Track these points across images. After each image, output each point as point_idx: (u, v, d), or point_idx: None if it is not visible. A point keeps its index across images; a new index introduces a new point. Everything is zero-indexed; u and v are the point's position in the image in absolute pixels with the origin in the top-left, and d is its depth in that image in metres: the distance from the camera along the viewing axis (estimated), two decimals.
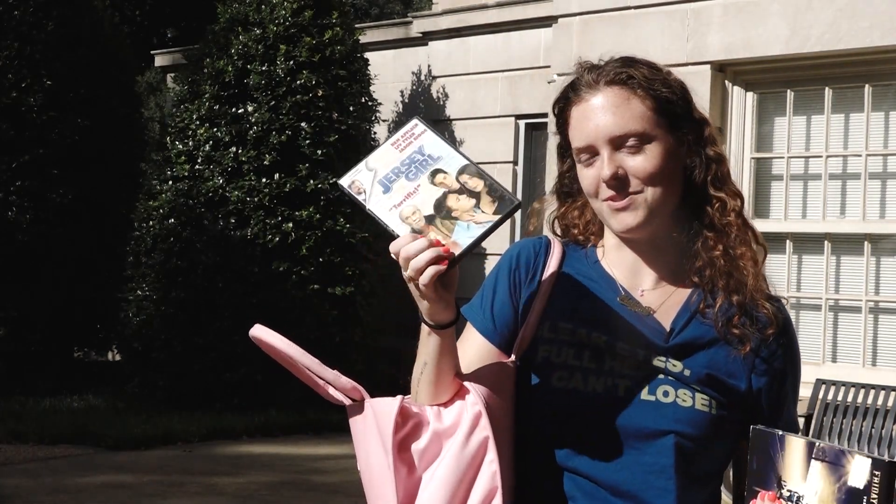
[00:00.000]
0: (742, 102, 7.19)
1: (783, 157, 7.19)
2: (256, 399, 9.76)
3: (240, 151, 10.04)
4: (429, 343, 1.71)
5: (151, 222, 10.25)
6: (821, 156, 7.08)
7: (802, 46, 6.87)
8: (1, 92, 11.22)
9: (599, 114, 1.77)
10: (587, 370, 1.76)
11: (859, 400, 6.80)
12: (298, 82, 10.11)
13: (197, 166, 10.15)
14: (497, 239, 10.89)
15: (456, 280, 1.65)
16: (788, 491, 1.58)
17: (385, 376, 8.55)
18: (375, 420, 1.72)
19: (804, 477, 1.56)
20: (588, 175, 1.79)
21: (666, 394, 1.74)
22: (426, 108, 11.71)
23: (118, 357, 12.09)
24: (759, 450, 1.62)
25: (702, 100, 1.89)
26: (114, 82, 12.12)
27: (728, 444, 1.78)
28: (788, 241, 7.11)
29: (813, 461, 1.56)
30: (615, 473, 1.73)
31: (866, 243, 6.91)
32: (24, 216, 11.18)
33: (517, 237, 10.89)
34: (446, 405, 1.73)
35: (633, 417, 1.73)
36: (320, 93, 10.15)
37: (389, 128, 12.15)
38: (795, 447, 1.59)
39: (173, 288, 9.95)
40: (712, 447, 1.75)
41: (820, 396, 6.91)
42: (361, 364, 9.74)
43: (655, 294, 1.82)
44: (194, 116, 10.29)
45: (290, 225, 9.87)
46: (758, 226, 2.29)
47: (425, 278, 1.59)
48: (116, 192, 11.77)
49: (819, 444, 1.58)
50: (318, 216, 9.96)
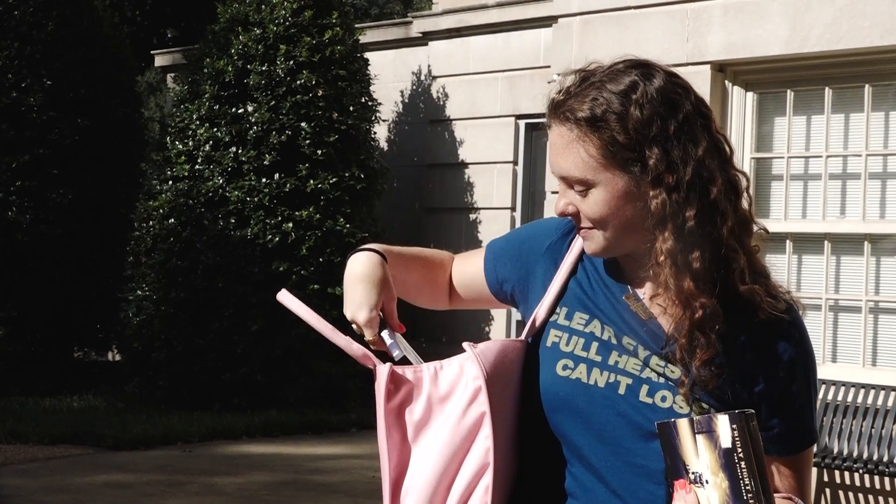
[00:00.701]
0: (742, 102, 7.18)
1: (783, 157, 7.18)
2: (256, 399, 9.76)
3: (240, 151, 10.04)
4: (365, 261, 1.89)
5: (151, 222, 10.25)
6: (821, 156, 7.08)
7: (802, 46, 6.87)
8: (1, 92, 11.22)
9: (552, 150, 1.77)
10: (592, 362, 1.76)
11: (859, 400, 6.79)
12: (298, 82, 10.11)
13: (197, 166, 10.15)
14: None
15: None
16: (693, 473, 1.59)
17: None
18: (376, 386, 1.74)
19: (697, 454, 1.58)
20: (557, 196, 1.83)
21: (664, 399, 1.72)
22: (426, 108, 11.71)
23: (118, 357, 12.09)
24: (667, 443, 1.62)
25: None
26: (114, 82, 12.12)
27: None
28: (788, 241, 7.11)
29: (697, 436, 1.58)
30: (608, 470, 1.73)
31: (866, 243, 6.91)
32: (24, 216, 11.18)
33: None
34: (443, 367, 1.73)
35: (630, 417, 1.72)
36: (320, 93, 10.15)
37: (389, 128, 12.15)
38: (683, 429, 1.59)
39: (173, 288, 9.96)
40: None
41: (820, 396, 6.91)
42: (361, 364, 9.74)
43: (660, 298, 1.79)
44: (194, 116, 10.29)
45: (290, 225, 9.87)
46: None
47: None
48: (116, 192, 11.77)
49: (695, 419, 1.59)
50: (318, 216, 9.96)
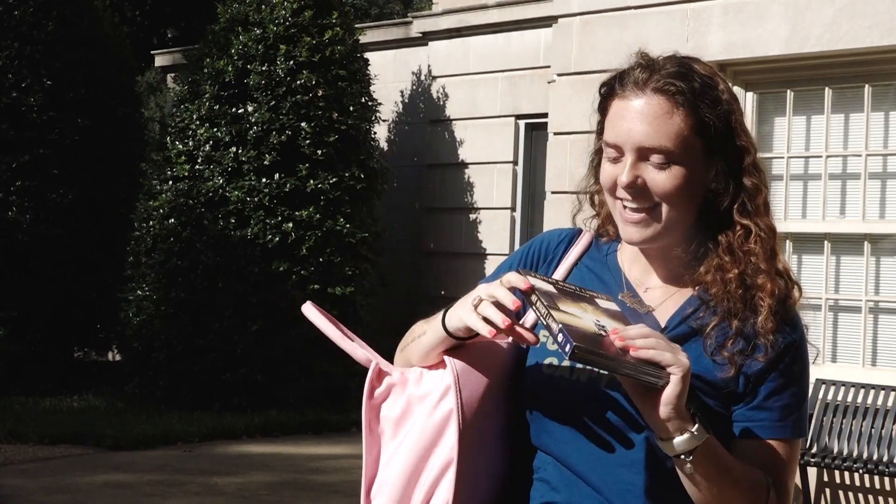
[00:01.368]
0: (742, 102, 7.17)
1: (783, 157, 7.18)
2: (256, 399, 9.76)
3: (240, 151, 10.04)
4: (437, 332, 1.75)
5: (151, 222, 10.25)
6: (821, 156, 7.08)
7: (802, 46, 6.87)
8: (1, 92, 11.22)
9: (636, 119, 1.74)
10: None
11: (859, 400, 6.80)
12: (298, 82, 10.11)
13: (197, 166, 10.15)
14: (497, 240, 10.88)
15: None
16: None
17: None
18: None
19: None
20: (608, 171, 1.79)
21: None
22: (426, 109, 11.71)
23: (118, 357, 12.09)
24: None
25: None
26: (114, 82, 12.12)
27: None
28: (788, 241, 7.11)
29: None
30: (587, 463, 1.74)
31: (866, 243, 6.91)
32: (24, 216, 11.18)
33: (517, 244, 10.90)
34: (430, 369, 1.78)
35: (610, 410, 1.74)
36: (320, 93, 10.15)
37: (389, 128, 12.15)
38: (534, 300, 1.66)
39: (173, 288, 9.96)
40: None
41: (820, 396, 6.91)
42: (360, 364, 9.74)
43: (658, 293, 1.83)
44: (194, 116, 10.29)
45: (290, 225, 9.87)
46: None
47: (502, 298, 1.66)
48: (116, 192, 11.78)
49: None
50: (318, 216, 9.96)
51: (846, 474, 6.87)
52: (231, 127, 10.11)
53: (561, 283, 1.72)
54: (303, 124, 10.07)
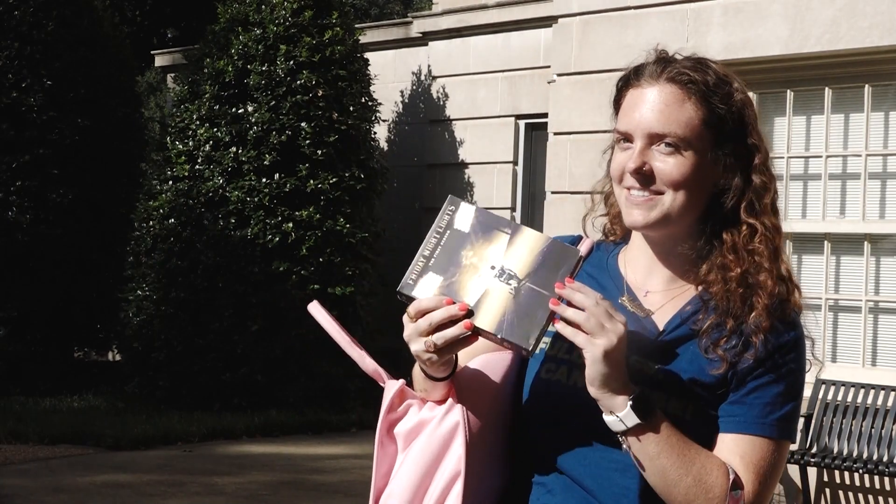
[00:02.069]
0: None
1: (783, 157, 7.18)
2: (256, 399, 9.76)
3: (240, 151, 10.04)
4: (422, 383, 1.77)
5: (151, 222, 10.25)
6: (821, 156, 7.08)
7: (802, 46, 6.87)
8: (1, 92, 11.23)
9: (648, 106, 1.75)
10: (573, 364, 1.78)
11: (859, 400, 6.80)
12: (298, 82, 10.11)
13: (197, 166, 10.15)
14: None
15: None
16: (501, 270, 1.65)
17: None
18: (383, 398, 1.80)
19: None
20: (618, 159, 1.80)
21: None
22: (426, 109, 11.71)
23: (118, 357, 12.09)
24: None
25: None
26: (114, 82, 12.13)
27: (711, 450, 1.73)
28: (788, 242, 7.12)
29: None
30: (582, 467, 1.75)
31: (866, 243, 6.91)
32: (24, 216, 11.18)
33: None
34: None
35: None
36: (320, 93, 10.15)
37: (389, 128, 12.15)
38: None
39: (173, 288, 9.96)
40: None
41: (820, 396, 6.91)
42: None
43: (659, 296, 1.83)
44: (194, 116, 10.29)
45: (290, 225, 9.87)
46: None
47: (442, 337, 1.63)
48: (116, 192, 11.78)
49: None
50: (318, 216, 9.96)
51: (846, 474, 6.87)
52: (231, 127, 10.11)
53: (435, 254, 1.68)
54: (303, 124, 10.07)
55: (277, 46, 10.19)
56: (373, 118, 10.76)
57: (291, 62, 10.17)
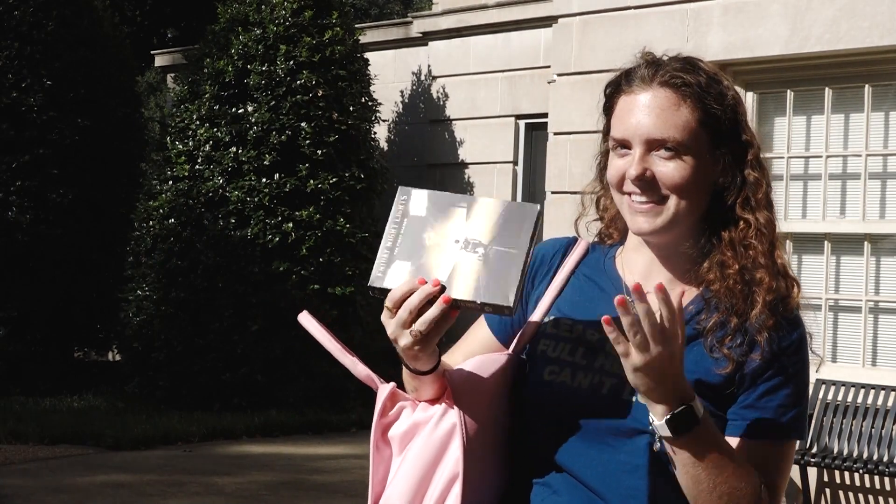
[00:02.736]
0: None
1: (783, 157, 7.18)
2: (256, 399, 9.76)
3: (240, 151, 10.04)
4: (411, 381, 1.77)
5: (151, 222, 10.25)
6: (821, 156, 7.08)
7: (802, 46, 6.87)
8: (1, 92, 11.23)
9: (644, 112, 1.75)
10: (577, 366, 1.78)
11: (859, 400, 6.80)
12: (298, 82, 10.11)
13: (197, 166, 10.15)
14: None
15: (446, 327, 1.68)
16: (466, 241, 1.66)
17: (385, 376, 8.55)
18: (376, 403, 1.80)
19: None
20: (616, 165, 1.79)
21: None
22: (426, 108, 11.71)
23: (118, 357, 12.09)
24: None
25: None
26: (114, 82, 12.12)
27: None
28: (788, 242, 7.11)
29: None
30: (589, 469, 1.75)
31: (866, 243, 6.91)
32: (24, 216, 11.18)
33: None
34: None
35: (611, 415, 1.74)
36: (320, 93, 10.15)
37: (389, 128, 12.15)
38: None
39: (173, 288, 9.96)
40: None
41: (820, 396, 6.91)
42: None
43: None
44: (194, 116, 10.29)
45: (290, 225, 9.87)
46: None
47: (425, 320, 1.63)
48: (116, 192, 11.78)
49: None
50: (318, 216, 9.96)
51: (846, 474, 6.87)
52: (231, 127, 10.11)
53: (398, 243, 1.68)
54: (303, 124, 10.07)
55: (277, 46, 10.19)
56: (373, 118, 10.76)
57: (291, 62, 10.17)
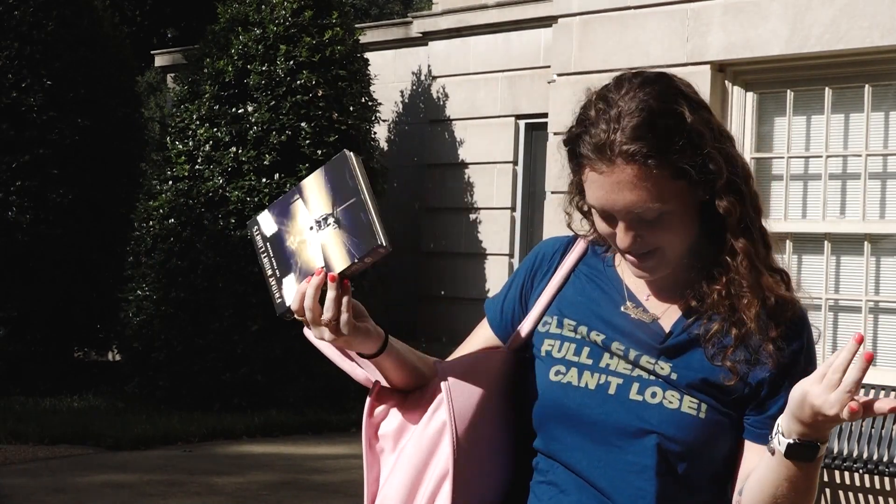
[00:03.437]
0: (742, 102, 7.18)
1: (783, 157, 7.18)
2: (256, 399, 9.76)
3: (240, 151, 10.04)
4: (368, 370, 1.80)
5: (151, 222, 10.25)
6: (821, 156, 7.08)
7: (802, 46, 6.87)
8: (1, 92, 11.22)
9: (615, 190, 1.69)
10: (583, 366, 1.78)
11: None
12: (298, 82, 10.11)
13: (197, 166, 10.15)
14: (497, 240, 10.88)
15: (360, 309, 1.72)
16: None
17: None
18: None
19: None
20: (603, 227, 1.77)
21: (654, 395, 1.74)
22: (426, 108, 11.72)
23: (118, 357, 12.09)
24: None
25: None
26: (114, 82, 12.12)
27: (727, 450, 1.76)
28: (788, 241, 7.11)
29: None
30: (597, 469, 1.75)
31: (866, 243, 6.91)
32: (24, 216, 11.18)
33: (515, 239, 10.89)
34: (429, 386, 1.81)
35: (619, 416, 1.74)
36: (320, 93, 10.15)
37: (389, 128, 12.15)
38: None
39: (173, 288, 9.96)
40: (702, 452, 1.74)
41: None
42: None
43: (660, 299, 1.83)
44: (194, 116, 10.29)
45: None
46: None
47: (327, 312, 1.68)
48: (116, 192, 11.77)
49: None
50: None
51: (846, 474, 6.87)
52: (231, 127, 10.12)
53: (274, 266, 1.75)
54: (303, 124, 10.08)
55: (277, 46, 10.19)
56: (373, 118, 10.76)
57: (291, 62, 10.17)
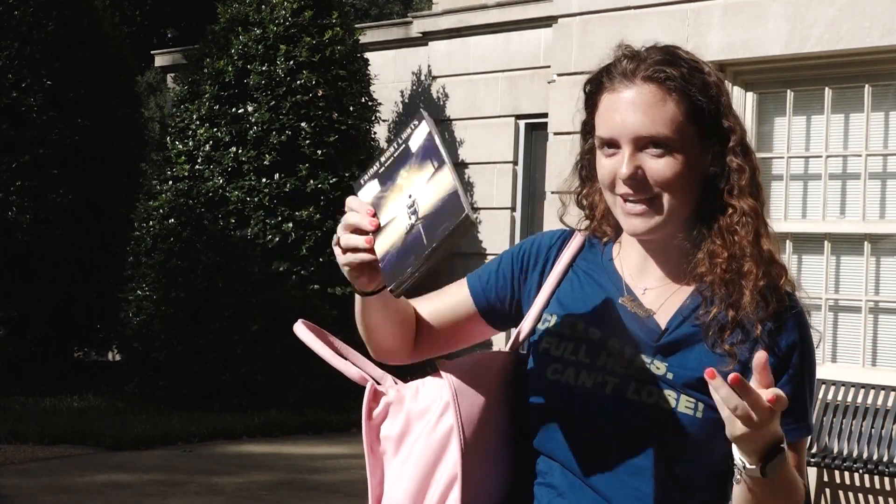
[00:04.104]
0: (742, 102, 7.18)
1: (783, 157, 7.18)
2: (256, 399, 9.76)
3: (240, 151, 10.04)
4: (357, 303, 1.80)
5: (151, 222, 10.25)
6: (821, 156, 7.08)
7: (802, 46, 6.87)
8: (1, 92, 11.23)
9: (629, 110, 1.72)
10: (580, 364, 1.76)
11: (859, 400, 6.80)
12: (298, 82, 10.11)
13: (197, 166, 10.15)
14: (497, 240, 10.88)
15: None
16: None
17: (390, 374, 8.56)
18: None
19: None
20: (606, 166, 1.76)
21: (650, 394, 1.72)
22: (426, 109, 11.69)
23: (118, 357, 12.09)
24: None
25: None
26: (114, 82, 12.13)
27: (726, 448, 1.71)
28: (788, 241, 7.11)
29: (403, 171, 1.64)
30: (595, 470, 1.73)
31: (866, 243, 6.91)
32: (24, 216, 11.18)
33: (517, 237, 10.89)
34: (425, 384, 1.76)
35: (616, 415, 1.72)
36: (320, 93, 10.15)
37: (389, 128, 12.15)
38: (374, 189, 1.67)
39: (173, 288, 9.96)
40: (700, 452, 1.72)
41: (820, 396, 6.91)
42: None
43: (657, 293, 1.80)
44: (194, 116, 10.29)
45: (290, 225, 9.87)
46: None
47: (346, 259, 1.66)
48: (116, 192, 11.78)
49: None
50: (318, 216, 9.96)
51: (846, 474, 6.87)
52: (231, 127, 10.12)
53: (386, 164, 1.68)
54: (303, 124, 10.08)
55: (277, 46, 10.19)
56: (373, 118, 10.76)
57: (291, 62, 10.17)
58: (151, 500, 6.75)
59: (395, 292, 1.58)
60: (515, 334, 1.86)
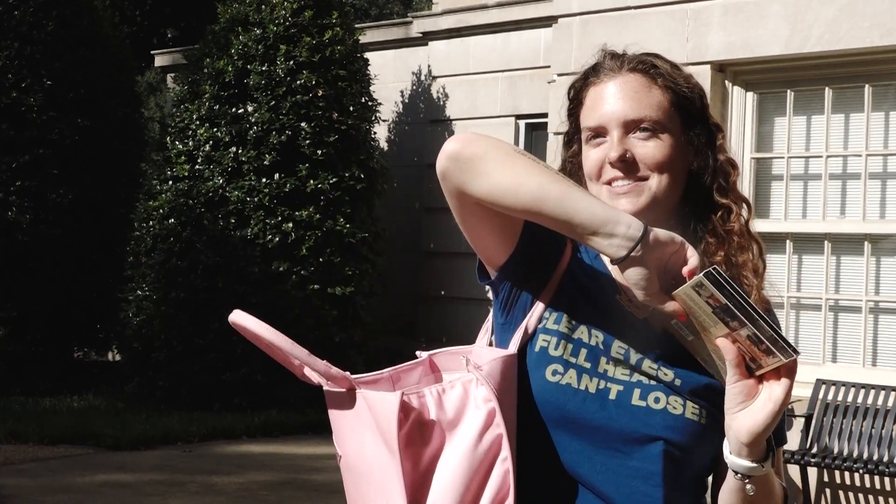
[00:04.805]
0: (742, 102, 7.18)
1: (783, 157, 7.18)
2: (256, 399, 9.76)
3: (240, 151, 10.04)
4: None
5: (151, 222, 10.25)
6: (821, 156, 7.08)
7: (802, 46, 6.87)
8: (1, 92, 11.23)
9: (617, 96, 1.76)
10: (581, 368, 1.73)
11: (859, 400, 6.80)
12: (298, 82, 10.11)
13: (197, 166, 10.16)
14: None
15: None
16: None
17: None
18: (372, 414, 1.70)
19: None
20: (593, 155, 1.77)
21: (657, 400, 1.71)
22: (426, 108, 11.71)
23: (118, 357, 12.09)
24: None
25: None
26: (114, 82, 12.13)
27: (714, 451, 1.72)
28: (788, 241, 7.11)
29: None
30: (599, 475, 1.71)
31: (866, 243, 6.91)
32: (24, 216, 11.18)
33: None
34: (445, 390, 1.70)
35: (623, 421, 1.70)
36: (320, 93, 10.15)
37: (389, 128, 12.15)
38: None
39: (173, 288, 9.96)
40: (697, 455, 1.73)
41: (820, 396, 6.91)
42: (361, 364, 9.74)
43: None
44: (194, 116, 10.29)
45: (290, 225, 9.87)
46: (758, 226, 2.22)
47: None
48: (116, 192, 11.78)
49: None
50: (318, 216, 9.96)
51: (846, 474, 6.87)
52: (231, 127, 10.12)
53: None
54: (303, 124, 10.08)
55: (277, 46, 10.19)
56: (373, 118, 10.75)
57: (291, 62, 10.17)
58: (151, 500, 6.75)
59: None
60: (522, 333, 1.79)
